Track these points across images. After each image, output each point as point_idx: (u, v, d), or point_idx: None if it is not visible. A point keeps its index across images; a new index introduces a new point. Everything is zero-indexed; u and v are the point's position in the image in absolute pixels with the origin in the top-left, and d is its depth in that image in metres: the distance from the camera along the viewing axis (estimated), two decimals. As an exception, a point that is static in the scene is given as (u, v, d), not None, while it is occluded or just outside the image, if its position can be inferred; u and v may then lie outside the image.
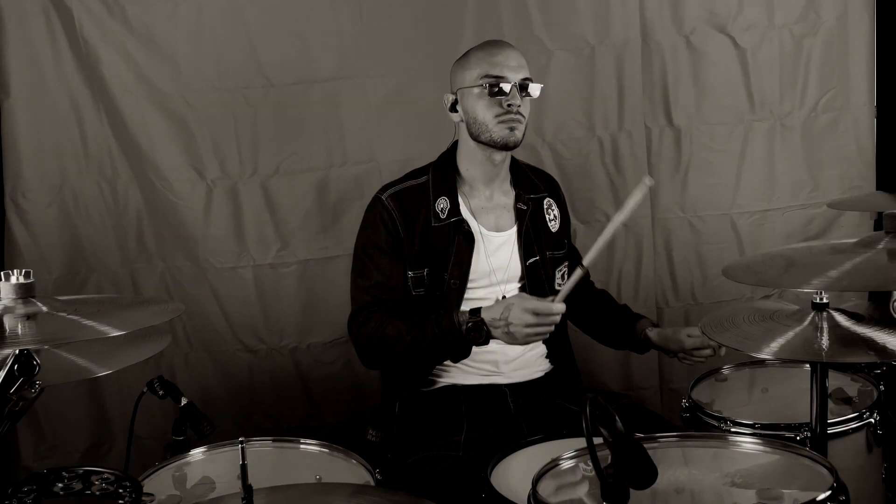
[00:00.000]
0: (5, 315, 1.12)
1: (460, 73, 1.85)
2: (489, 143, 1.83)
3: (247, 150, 2.46)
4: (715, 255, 2.59)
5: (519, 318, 1.65)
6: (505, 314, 1.67)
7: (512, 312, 1.66)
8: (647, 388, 2.65)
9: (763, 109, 2.53)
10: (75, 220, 2.46)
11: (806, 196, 2.57)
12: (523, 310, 1.65)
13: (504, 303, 1.71)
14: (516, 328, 1.66)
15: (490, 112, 1.79)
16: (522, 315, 1.65)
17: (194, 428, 1.63)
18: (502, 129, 1.80)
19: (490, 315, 1.71)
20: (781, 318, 1.43)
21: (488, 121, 1.80)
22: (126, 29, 2.37)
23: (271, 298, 2.54)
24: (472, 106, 1.81)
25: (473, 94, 1.81)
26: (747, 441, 1.20)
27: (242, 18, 2.40)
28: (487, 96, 1.79)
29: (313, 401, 2.61)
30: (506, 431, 1.76)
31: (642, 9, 2.46)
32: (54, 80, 2.39)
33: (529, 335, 1.67)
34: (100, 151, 2.45)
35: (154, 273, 2.51)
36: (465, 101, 1.84)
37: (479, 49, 1.85)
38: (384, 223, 1.86)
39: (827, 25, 2.48)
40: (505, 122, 1.79)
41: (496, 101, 1.79)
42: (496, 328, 1.70)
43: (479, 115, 1.81)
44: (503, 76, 1.79)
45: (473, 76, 1.81)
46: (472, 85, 1.81)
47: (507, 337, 1.69)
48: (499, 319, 1.68)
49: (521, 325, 1.65)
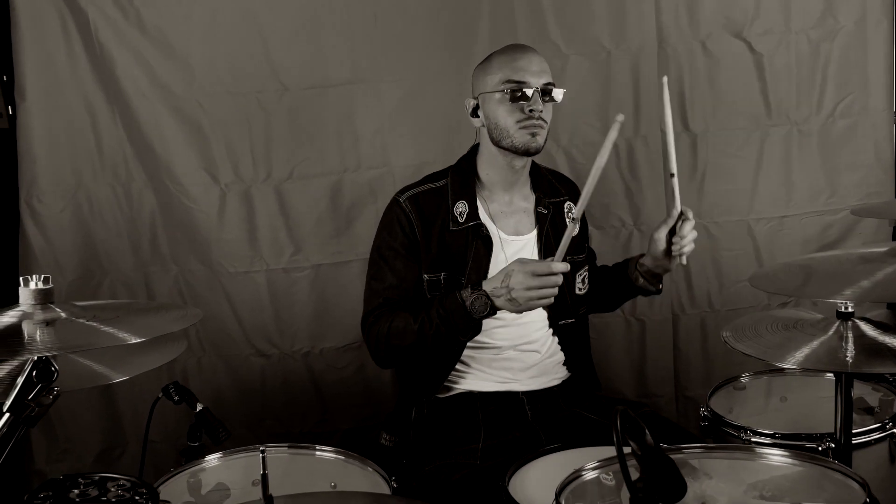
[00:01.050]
0: (24, 321, 1.12)
1: (482, 78, 1.83)
2: (510, 149, 1.82)
3: (260, 154, 2.46)
4: (731, 261, 2.57)
5: (520, 282, 1.61)
6: (506, 281, 1.64)
7: (513, 278, 1.62)
8: (661, 396, 2.63)
9: (780, 115, 2.50)
10: (90, 223, 2.46)
11: (823, 202, 2.55)
12: (524, 273, 1.61)
13: (503, 270, 1.67)
14: (518, 293, 1.62)
15: (511, 117, 1.78)
16: (524, 278, 1.61)
17: (210, 434, 1.63)
18: (524, 135, 1.78)
19: (491, 285, 1.68)
20: (805, 327, 1.41)
21: (510, 126, 1.79)
22: (141, 32, 2.37)
23: (284, 303, 2.53)
24: (494, 111, 1.80)
25: (495, 100, 1.79)
26: (774, 453, 1.18)
27: (257, 22, 2.40)
28: (509, 101, 1.77)
29: (326, 406, 2.61)
30: (523, 440, 1.74)
31: (658, 13, 2.44)
32: (69, 84, 2.39)
33: (532, 298, 1.62)
34: (114, 155, 2.45)
35: (168, 277, 2.51)
36: (486, 105, 1.82)
37: (501, 53, 1.83)
38: (401, 225, 1.84)
39: (845, 30, 2.45)
40: (526, 127, 1.78)
41: (518, 107, 1.77)
42: (498, 297, 1.66)
43: (500, 121, 1.80)
44: (525, 81, 1.77)
45: (495, 81, 1.79)
46: (493, 90, 1.79)
47: (511, 304, 1.65)
48: (500, 287, 1.65)
49: (522, 288, 1.61)
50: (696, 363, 2.63)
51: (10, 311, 1.13)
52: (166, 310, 1.29)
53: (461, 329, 1.73)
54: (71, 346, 1.06)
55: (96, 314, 1.15)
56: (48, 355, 1.05)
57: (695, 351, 2.62)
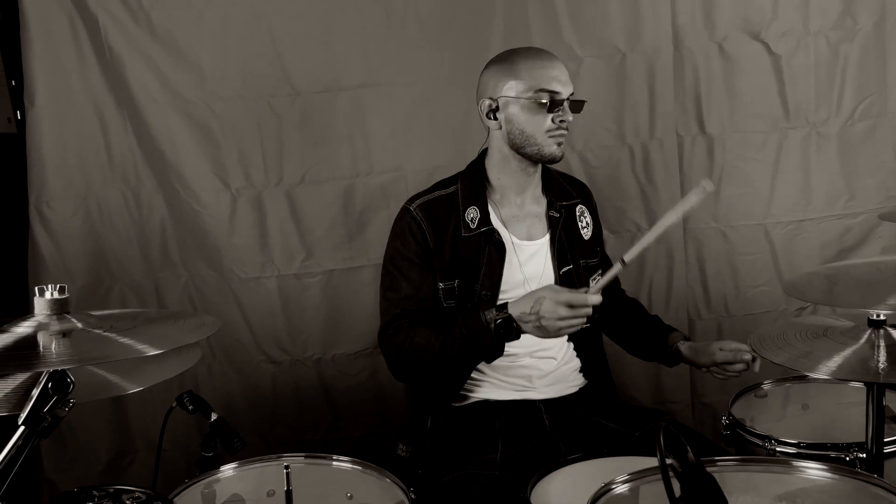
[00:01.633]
0: (40, 332, 1.09)
1: (504, 80, 1.78)
2: (534, 157, 1.80)
3: (272, 158, 2.43)
4: (748, 266, 2.53)
5: (552, 311, 1.59)
6: (536, 308, 1.61)
7: (544, 305, 1.60)
8: (678, 402, 2.60)
9: (798, 117, 2.47)
10: (99, 229, 2.44)
11: (842, 206, 2.51)
12: (556, 302, 1.59)
13: (534, 295, 1.64)
14: (549, 321, 1.59)
15: (541, 126, 1.75)
16: (556, 308, 1.59)
17: (224, 444, 1.60)
18: (551, 145, 1.77)
19: (519, 309, 1.65)
20: (835, 335, 1.37)
21: (538, 134, 1.76)
22: (151, 36, 2.35)
23: (295, 309, 2.51)
24: (520, 117, 1.76)
25: (523, 106, 1.75)
26: (812, 467, 1.15)
27: (268, 26, 2.37)
28: (541, 111, 1.74)
29: (337, 413, 2.58)
30: (542, 449, 1.71)
31: (674, 15, 2.41)
32: (79, 89, 2.37)
33: (562, 328, 1.61)
34: (124, 160, 2.43)
35: (178, 283, 2.49)
36: (508, 110, 1.78)
37: (527, 58, 1.78)
38: (413, 234, 1.82)
39: (864, 31, 2.41)
40: (555, 137, 1.76)
41: (548, 116, 1.75)
42: (526, 322, 1.64)
43: (527, 128, 1.76)
44: (558, 91, 1.74)
45: (523, 87, 1.75)
46: (521, 96, 1.75)
47: (539, 331, 1.63)
48: (529, 314, 1.62)
49: (553, 317, 1.59)
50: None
51: (26, 321, 1.11)
52: (183, 319, 1.26)
53: (484, 351, 1.72)
54: (88, 359, 1.04)
55: (113, 325, 1.12)
56: (64, 369, 1.02)
57: (711, 357, 2.58)
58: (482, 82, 1.83)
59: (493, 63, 1.83)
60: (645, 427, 1.78)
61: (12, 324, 1.10)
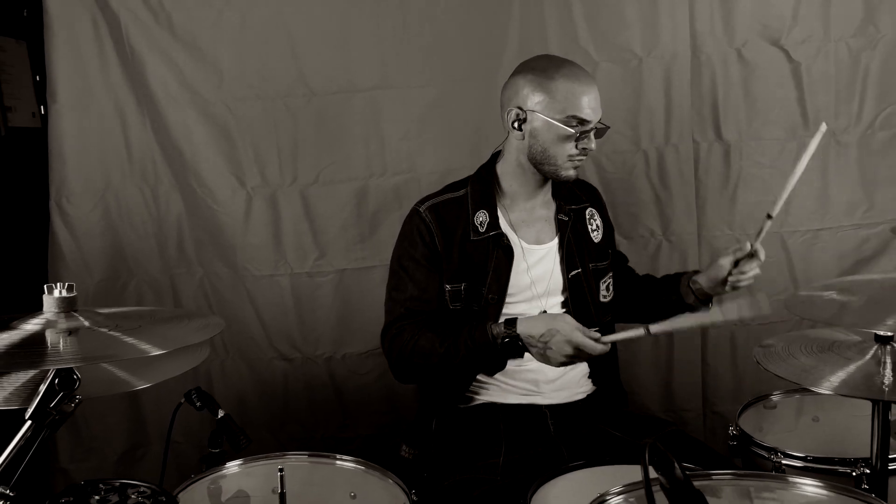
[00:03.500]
0: (47, 330, 1.11)
1: (537, 94, 1.74)
2: (549, 175, 1.81)
3: (287, 158, 2.46)
4: (763, 274, 2.48)
5: (560, 348, 1.62)
6: (547, 337, 1.63)
7: (555, 339, 1.62)
8: (689, 410, 2.57)
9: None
10: (117, 225, 2.48)
11: (861, 216, 2.47)
12: (567, 341, 1.61)
13: (547, 322, 1.65)
14: (554, 354, 1.63)
15: (566, 151, 1.75)
16: (564, 347, 1.62)
17: (230, 441, 1.62)
18: (569, 169, 1.78)
19: (528, 331, 1.66)
20: (842, 349, 1.36)
21: (559, 157, 1.76)
22: (171, 36, 2.38)
23: (307, 307, 2.53)
24: (546, 137, 1.75)
25: (553, 127, 1.74)
26: (807, 483, 1.14)
27: (285, 27, 2.40)
28: (569, 137, 1.74)
29: (347, 412, 2.60)
30: (545, 455, 1.71)
31: (692, 21, 2.38)
32: (100, 87, 2.41)
33: (564, 363, 1.65)
34: (143, 157, 2.47)
35: (193, 279, 2.53)
36: (534, 124, 1.76)
37: (566, 79, 1.73)
38: (421, 236, 1.83)
39: (886, 39, 2.37)
40: (574, 161, 1.77)
41: (573, 143, 1.74)
42: (532, 346, 1.66)
43: (550, 149, 1.76)
44: (589, 120, 1.74)
45: (556, 109, 1.73)
46: (553, 118, 1.73)
47: (541, 357, 1.66)
48: (538, 339, 1.64)
49: (559, 352, 1.63)
50: (725, 378, 2.56)
51: (34, 318, 1.13)
52: (189, 318, 1.28)
53: (487, 364, 1.74)
54: (92, 358, 1.06)
55: (119, 323, 1.15)
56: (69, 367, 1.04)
57: (724, 366, 2.56)
58: (514, 86, 1.80)
59: (529, 71, 1.78)
60: (651, 436, 1.77)
61: (21, 320, 1.13)
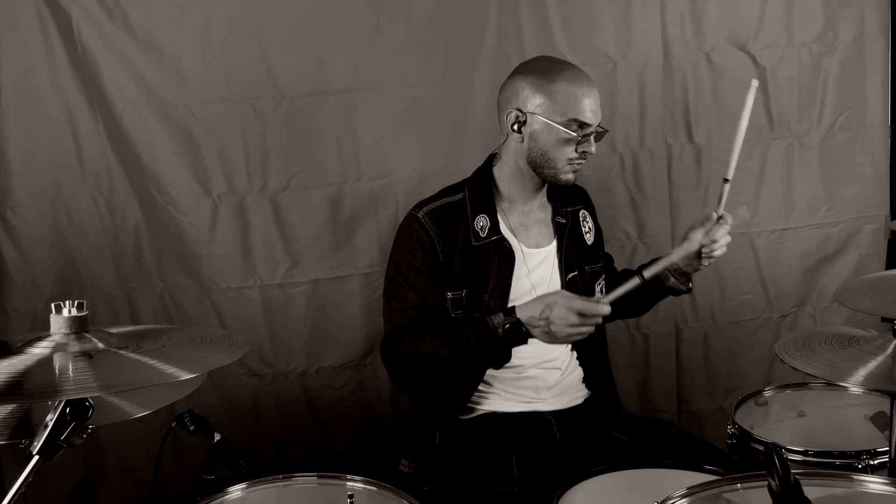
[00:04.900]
0: (57, 353, 0.98)
1: (538, 96, 1.71)
2: (547, 178, 1.78)
3: (256, 164, 2.33)
4: (733, 274, 2.56)
5: (562, 318, 1.57)
6: (546, 313, 1.59)
7: (554, 311, 1.57)
8: (665, 410, 2.60)
9: (782, 128, 2.51)
10: (68, 237, 2.30)
11: (823, 215, 2.56)
12: (568, 309, 1.57)
13: (544, 300, 1.61)
14: (558, 327, 1.58)
15: (565, 155, 1.72)
16: (567, 314, 1.57)
17: (229, 466, 1.50)
18: (568, 172, 1.75)
19: (527, 313, 1.62)
20: (861, 344, 1.38)
21: (559, 161, 1.73)
22: (128, 34, 2.23)
23: (279, 320, 2.41)
24: (545, 139, 1.72)
25: (553, 130, 1.71)
26: (874, 480, 1.13)
27: (253, 25, 2.28)
28: (569, 140, 1.71)
29: (322, 428, 2.49)
30: (556, 462, 1.68)
31: (664, 25, 2.42)
32: (48, 88, 2.23)
33: (571, 335, 1.59)
34: (96, 164, 2.29)
35: (152, 294, 2.37)
36: (534, 127, 1.73)
37: (568, 82, 1.70)
38: (421, 242, 1.76)
39: (844, 45, 2.48)
40: (574, 165, 1.74)
41: (573, 146, 1.71)
42: (535, 327, 1.61)
43: (550, 152, 1.73)
44: (589, 124, 1.71)
45: (556, 111, 1.70)
46: (554, 121, 1.70)
47: (547, 336, 1.60)
48: (538, 318, 1.60)
49: (564, 324, 1.57)
50: (699, 377, 2.61)
51: (42, 341, 0.99)
52: (210, 340, 1.16)
53: (493, 357, 1.68)
54: (115, 385, 0.93)
55: (140, 344, 1.02)
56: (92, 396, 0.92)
57: (697, 364, 2.60)
58: (513, 87, 1.76)
59: (530, 73, 1.74)
60: (657, 438, 1.77)
61: (28, 344, 0.99)
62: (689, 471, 1.50)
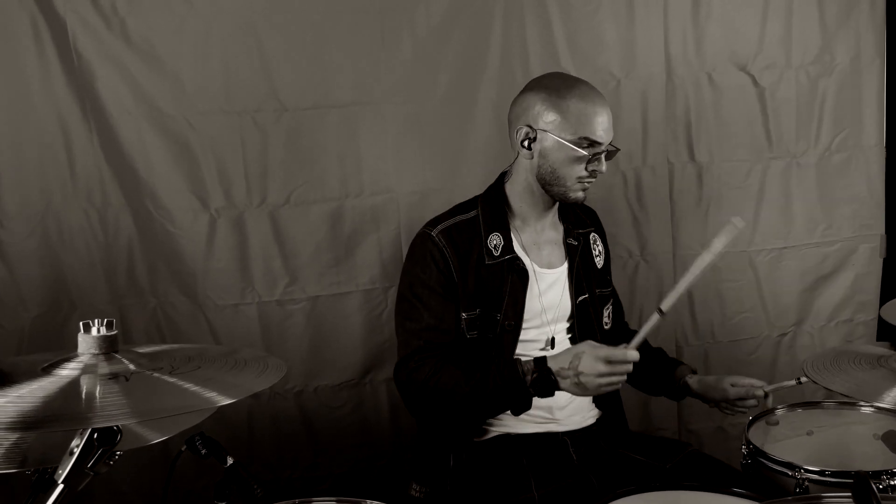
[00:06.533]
0: (85, 375, 0.92)
1: (549, 113, 1.69)
2: (557, 196, 1.76)
3: (255, 177, 2.28)
4: (734, 293, 2.57)
5: (591, 368, 1.55)
6: (574, 363, 1.57)
7: (583, 361, 1.56)
8: (665, 429, 2.59)
9: (780, 148, 2.53)
10: (58, 251, 2.21)
11: (820, 234, 2.59)
12: (595, 358, 1.55)
13: (572, 351, 1.60)
14: (588, 378, 1.56)
15: (575, 173, 1.71)
16: (595, 364, 1.55)
17: (242, 492, 1.43)
18: (578, 191, 1.74)
19: (557, 364, 1.60)
20: (890, 363, 1.37)
21: (569, 179, 1.71)
22: (126, 44, 2.16)
23: (276, 338, 2.34)
24: (555, 157, 1.70)
25: (564, 148, 1.69)
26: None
27: (255, 36, 2.23)
28: (579, 159, 1.69)
29: (319, 449, 2.42)
30: (575, 485, 1.64)
31: (667, 44, 2.43)
32: (40, 97, 2.15)
33: (602, 385, 1.57)
34: (89, 176, 2.21)
35: (145, 310, 2.29)
36: (545, 144, 1.71)
37: (580, 100, 1.69)
38: (435, 261, 1.73)
39: (841, 67, 2.52)
40: (583, 184, 1.73)
41: (584, 165, 1.70)
42: (564, 378, 1.59)
43: (560, 170, 1.71)
44: (600, 142, 1.70)
45: (567, 129, 1.68)
46: (565, 138, 1.68)
47: (577, 388, 1.58)
48: (567, 369, 1.58)
49: (593, 374, 1.56)
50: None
51: (70, 363, 0.92)
52: (245, 363, 1.09)
53: (515, 404, 1.65)
54: (151, 411, 0.87)
55: (174, 366, 0.96)
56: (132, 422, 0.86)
57: (698, 384, 2.59)
58: (525, 103, 1.74)
59: (542, 89, 1.73)
60: (674, 459, 1.75)
61: (55, 366, 0.92)
62: (717, 493, 1.48)
